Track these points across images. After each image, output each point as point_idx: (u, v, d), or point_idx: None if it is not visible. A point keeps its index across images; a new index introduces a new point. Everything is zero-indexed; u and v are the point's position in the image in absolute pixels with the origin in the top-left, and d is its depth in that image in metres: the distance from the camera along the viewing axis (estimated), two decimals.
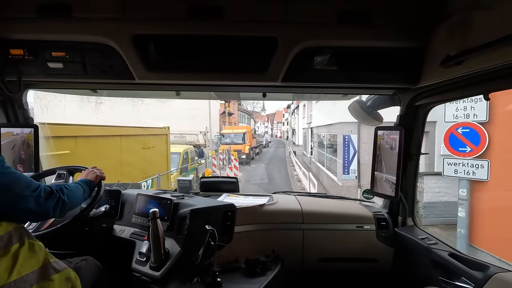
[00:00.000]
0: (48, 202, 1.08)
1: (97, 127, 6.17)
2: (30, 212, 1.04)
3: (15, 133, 1.77)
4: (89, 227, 1.63)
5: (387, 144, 1.73)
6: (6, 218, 0.98)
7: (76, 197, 1.27)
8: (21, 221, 1.05)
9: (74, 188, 1.27)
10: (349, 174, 10.51)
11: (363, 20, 1.25)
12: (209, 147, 19.69)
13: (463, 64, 1.09)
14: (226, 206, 1.70)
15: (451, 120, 5.05)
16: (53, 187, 1.13)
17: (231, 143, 20.00)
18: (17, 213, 1.01)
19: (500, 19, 0.92)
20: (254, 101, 48.37)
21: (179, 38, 1.32)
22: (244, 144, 21.00)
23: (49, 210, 1.09)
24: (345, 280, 1.93)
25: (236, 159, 14.27)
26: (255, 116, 52.46)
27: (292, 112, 41.28)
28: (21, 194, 1.00)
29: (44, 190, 1.08)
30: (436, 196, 7.23)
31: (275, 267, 1.71)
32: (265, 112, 62.01)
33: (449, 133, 5.04)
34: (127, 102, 17.56)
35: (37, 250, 1.04)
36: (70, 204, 1.19)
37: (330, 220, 1.93)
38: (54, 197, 1.10)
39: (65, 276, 1.11)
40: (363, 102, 1.92)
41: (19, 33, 1.31)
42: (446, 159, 5.04)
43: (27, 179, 1.05)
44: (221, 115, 26.83)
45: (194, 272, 1.48)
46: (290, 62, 1.34)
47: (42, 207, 1.06)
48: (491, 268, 1.25)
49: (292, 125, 43.34)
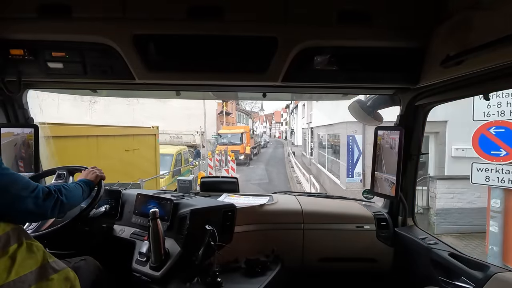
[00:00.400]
0: (46, 203, 1.08)
1: (69, 126, 5.28)
2: (28, 213, 1.04)
3: (16, 133, 1.77)
4: (89, 227, 1.63)
5: (387, 144, 1.73)
6: (4, 219, 0.98)
7: (75, 197, 1.27)
8: (19, 221, 1.04)
9: (73, 188, 1.27)
10: (353, 177, 9.90)
11: (363, 20, 1.25)
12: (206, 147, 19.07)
13: (463, 64, 1.09)
14: (226, 206, 1.70)
15: (482, 118, 4.24)
16: (51, 188, 1.13)
17: (229, 144, 19.51)
18: (15, 214, 1.01)
19: (500, 19, 0.92)
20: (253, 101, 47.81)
21: (179, 38, 1.32)
22: (242, 144, 20.46)
23: (47, 211, 1.09)
24: (345, 280, 1.93)
25: (233, 160, 13.99)
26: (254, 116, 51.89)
27: (291, 112, 40.81)
28: (19, 195, 1.00)
29: (42, 191, 1.08)
30: (449, 202, 6.79)
31: (275, 267, 1.70)
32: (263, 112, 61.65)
33: (479, 133, 4.29)
34: (122, 102, 17.16)
35: (35, 251, 1.04)
36: (68, 205, 1.19)
37: (330, 220, 1.93)
38: (52, 197, 1.10)
39: (64, 276, 1.11)
40: (363, 102, 1.92)
41: (19, 33, 1.31)
42: (476, 164, 4.31)
43: (24, 179, 1.05)
44: (219, 115, 26.04)
45: (194, 272, 1.47)
46: (290, 62, 1.34)
47: (40, 208, 1.06)
48: (491, 268, 1.25)
49: (291, 125, 42.80)
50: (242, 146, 20.36)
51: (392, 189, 1.69)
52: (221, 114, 26.43)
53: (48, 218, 1.30)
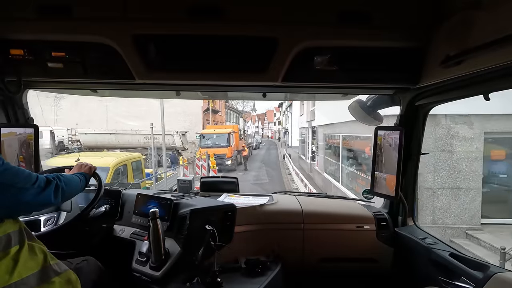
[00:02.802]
0: (48, 190, 1.11)
1: None
2: (32, 203, 1.07)
3: (18, 133, 1.77)
4: (89, 227, 1.63)
5: (387, 143, 1.73)
6: (10, 215, 1.00)
7: (74, 185, 1.29)
8: (24, 213, 1.09)
9: (71, 177, 1.29)
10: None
11: (363, 20, 1.25)
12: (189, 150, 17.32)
13: (463, 64, 1.09)
14: (226, 206, 1.70)
15: None
16: (49, 176, 1.16)
17: (213, 146, 16.74)
18: (20, 206, 1.04)
19: (500, 19, 0.92)
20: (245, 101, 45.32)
21: (179, 38, 1.32)
22: (229, 147, 17.24)
23: (50, 199, 1.11)
24: (345, 280, 1.93)
25: (215, 170, 11.91)
26: (245, 116, 50.14)
27: (284, 111, 38.80)
28: (23, 188, 1.02)
29: (43, 180, 1.11)
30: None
31: (275, 267, 1.70)
32: (255, 112, 59.68)
33: None
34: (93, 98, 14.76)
35: (37, 252, 1.05)
36: (68, 192, 1.22)
37: (330, 220, 1.93)
38: (52, 184, 1.13)
39: (66, 279, 1.11)
40: (363, 102, 1.92)
41: (19, 33, 1.31)
42: None
43: (26, 172, 1.07)
44: (205, 113, 23.14)
45: (194, 272, 1.47)
46: (290, 62, 1.34)
47: (43, 197, 1.09)
48: (491, 268, 1.24)
49: (284, 124, 40.95)
50: (229, 149, 17.22)
51: (392, 189, 1.69)
52: (207, 112, 23.59)
53: (52, 205, 1.33)
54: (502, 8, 0.92)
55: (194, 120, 20.70)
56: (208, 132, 18.36)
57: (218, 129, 19.42)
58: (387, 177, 1.73)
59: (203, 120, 22.63)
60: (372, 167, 1.83)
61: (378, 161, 1.79)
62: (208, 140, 17.46)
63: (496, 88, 1.19)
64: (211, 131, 18.59)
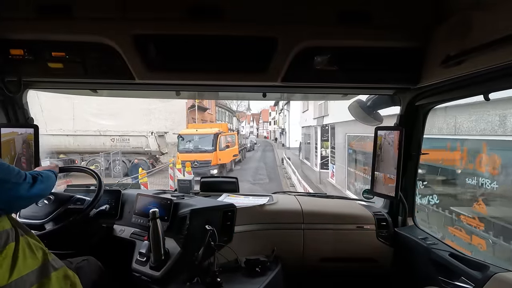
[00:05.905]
0: (36, 186, 1.14)
1: None
2: (23, 198, 1.10)
3: (20, 133, 1.77)
4: (89, 227, 1.63)
5: (387, 143, 1.73)
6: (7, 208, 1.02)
7: (51, 181, 1.31)
8: (18, 208, 1.16)
9: (47, 174, 1.30)
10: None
11: (363, 20, 1.25)
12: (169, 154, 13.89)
13: (463, 64, 1.09)
14: (226, 206, 1.70)
15: None
16: (33, 172, 1.18)
17: (195, 151, 13.48)
18: (16, 200, 1.06)
19: (500, 19, 0.92)
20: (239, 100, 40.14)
21: (179, 38, 1.32)
22: (214, 152, 13.59)
23: (39, 193, 1.15)
24: (345, 280, 1.93)
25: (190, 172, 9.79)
26: (240, 116, 47.21)
27: (281, 109, 36.13)
28: (17, 183, 1.05)
29: (30, 176, 1.14)
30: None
31: (275, 267, 1.70)
32: (250, 112, 56.93)
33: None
34: (58, 95, 12.83)
35: (35, 249, 1.05)
36: (49, 187, 1.26)
37: (330, 220, 1.93)
38: (39, 181, 1.16)
39: (63, 274, 1.12)
40: (363, 102, 1.92)
41: (19, 33, 1.31)
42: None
43: (16, 168, 1.09)
44: (190, 110, 18.96)
45: (194, 272, 1.48)
46: (290, 62, 1.34)
47: (32, 192, 1.11)
48: (491, 268, 1.24)
49: (281, 124, 38.35)
50: (214, 154, 13.57)
51: (392, 189, 1.69)
52: (193, 109, 19.28)
53: (37, 201, 1.41)
54: (502, 8, 0.92)
55: (177, 119, 17.13)
56: (188, 133, 14.42)
57: (202, 128, 15.31)
58: (387, 177, 1.73)
59: (188, 119, 18.86)
60: (372, 167, 1.83)
61: (378, 161, 1.79)
62: (188, 143, 13.88)
63: (496, 88, 1.19)
64: (193, 131, 14.66)
